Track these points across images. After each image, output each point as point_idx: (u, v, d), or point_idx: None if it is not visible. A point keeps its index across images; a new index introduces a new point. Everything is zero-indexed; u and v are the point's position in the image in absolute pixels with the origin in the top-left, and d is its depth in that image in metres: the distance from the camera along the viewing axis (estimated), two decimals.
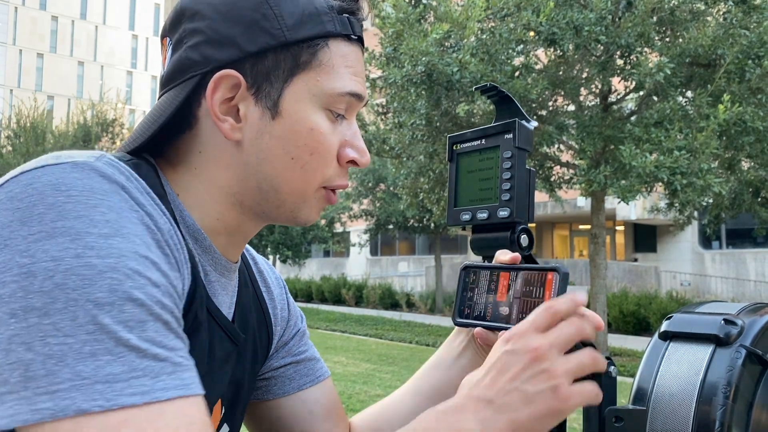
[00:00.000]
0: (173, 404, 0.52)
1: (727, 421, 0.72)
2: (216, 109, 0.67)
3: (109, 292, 0.52)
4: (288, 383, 0.89)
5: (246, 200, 0.71)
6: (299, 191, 0.71)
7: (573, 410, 0.59)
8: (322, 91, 0.69)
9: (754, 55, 7.93)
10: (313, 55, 0.68)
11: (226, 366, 0.74)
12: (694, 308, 0.85)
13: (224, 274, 0.75)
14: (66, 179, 0.56)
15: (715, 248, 19.72)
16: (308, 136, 0.69)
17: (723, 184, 8.17)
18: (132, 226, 0.57)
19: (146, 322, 0.53)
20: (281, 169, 0.69)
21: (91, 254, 0.53)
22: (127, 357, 0.51)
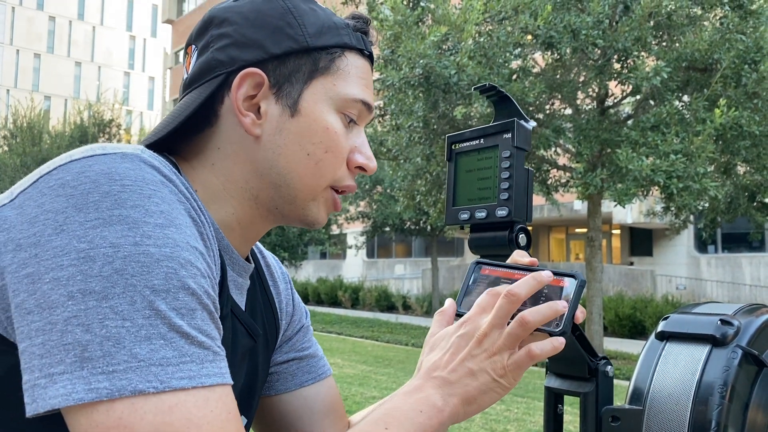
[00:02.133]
0: (214, 391, 0.55)
1: (723, 421, 0.72)
2: (239, 103, 0.72)
3: (166, 279, 0.55)
4: (290, 379, 0.90)
5: (261, 195, 0.74)
6: (310, 187, 0.74)
7: (515, 380, 0.68)
8: (337, 95, 0.74)
9: (750, 60, 7.96)
10: (331, 61, 0.74)
11: (244, 360, 0.76)
12: (691, 309, 0.86)
13: (241, 274, 0.78)
14: (118, 169, 0.58)
15: (710, 252, 19.76)
16: (323, 135, 0.73)
17: (719, 188, 8.19)
18: (182, 217, 0.60)
19: (195, 311, 0.56)
20: (296, 164, 0.73)
21: (148, 243, 0.55)
22: (178, 342, 0.54)
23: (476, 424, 5.75)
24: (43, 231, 0.55)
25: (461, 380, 0.66)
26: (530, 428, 5.65)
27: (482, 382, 0.66)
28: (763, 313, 0.80)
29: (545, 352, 0.66)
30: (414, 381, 0.67)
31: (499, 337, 0.66)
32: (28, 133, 25.86)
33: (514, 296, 0.66)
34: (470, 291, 0.76)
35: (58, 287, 0.53)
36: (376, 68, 9.03)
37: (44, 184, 0.58)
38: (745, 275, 18.67)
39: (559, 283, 0.70)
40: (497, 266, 0.76)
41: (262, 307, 0.85)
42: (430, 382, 0.66)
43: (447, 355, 0.67)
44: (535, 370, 9.36)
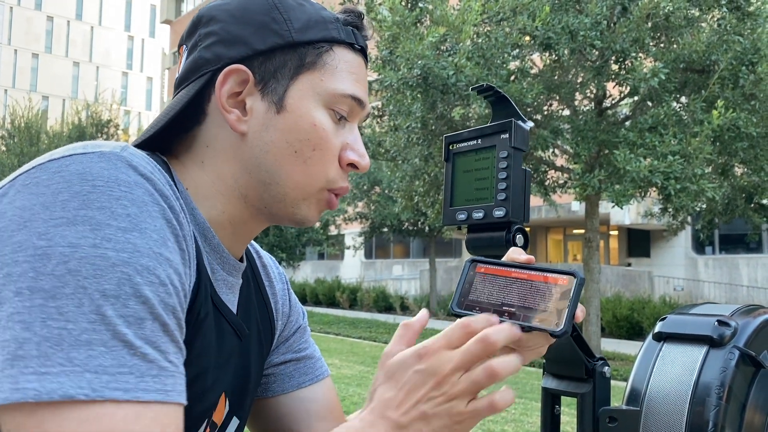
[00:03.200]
0: (151, 408, 0.53)
1: (720, 422, 0.72)
2: (223, 100, 0.71)
3: (118, 285, 0.53)
4: (287, 381, 0.89)
5: (249, 194, 0.73)
6: (301, 186, 0.72)
7: (471, 426, 0.62)
8: (325, 91, 0.72)
9: (747, 62, 7.97)
10: (318, 56, 0.72)
11: (232, 360, 0.75)
12: (688, 309, 0.86)
13: (231, 273, 0.76)
14: (93, 169, 0.57)
15: (708, 253, 19.79)
16: (311, 131, 0.71)
17: (716, 190, 8.20)
18: (152, 220, 0.58)
19: (145, 321, 0.54)
20: (283, 162, 0.71)
21: (107, 246, 0.54)
22: (119, 352, 0.52)
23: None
24: (8, 226, 0.54)
25: (413, 424, 0.60)
26: (527, 429, 5.65)
27: (436, 427, 0.60)
28: (760, 314, 0.80)
29: (509, 370, 0.61)
30: (367, 416, 0.61)
31: (461, 381, 0.61)
32: (26, 133, 25.84)
33: (491, 344, 0.61)
34: (466, 290, 0.75)
35: (9, 283, 0.52)
36: (374, 69, 9.03)
37: (21, 182, 0.58)
38: (743, 276, 18.70)
39: (557, 281, 0.69)
40: (493, 264, 0.75)
41: (256, 307, 0.84)
42: (382, 422, 0.60)
43: (401, 394, 0.60)
44: (532, 370, 9.36)
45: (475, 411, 0.61)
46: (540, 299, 0.69)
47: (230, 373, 0.76)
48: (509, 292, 0.71)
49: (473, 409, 0.61)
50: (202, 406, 0.69)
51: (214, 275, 0.73)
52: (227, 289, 0.76)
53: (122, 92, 53.15)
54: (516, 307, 0.70)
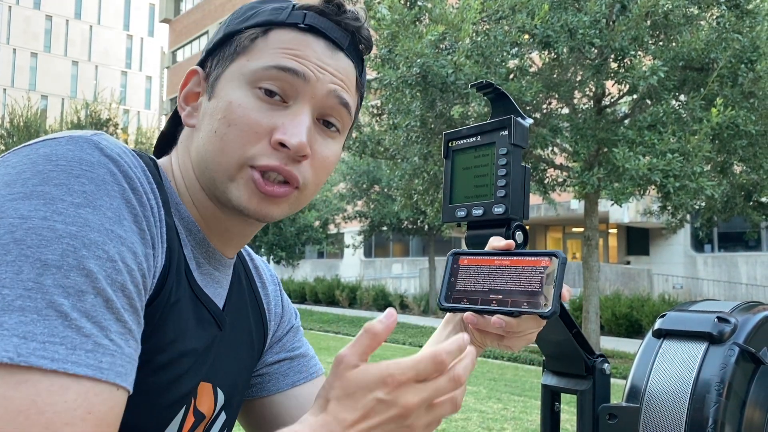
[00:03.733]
0: (80, 383, 0.51)
1: (720, 419, 0.72)
2: (180, 99, 0.76)
3: (61, 256, 0.53)
4: (281, 379, 0.89)
5: (204, 184, 0.74)
6: (221, 164, 0.71)
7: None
8: (248, 70, 0.72)
9: (746, 60, 7.97)
10: (251, 42, 0.73)
11: (211, 349, 0.75)
12: (688, 306, 0.86)
13: (218, 268, 0.77)
14: (59, 151, 0.58)
15: (707, 251, 19.80)
16: (226, 109, 0.71)
17: (715, 188, 8.20)
18: (108, 198, 0.58)
19: (86, 294, 0.53)
20: (208, 144, 0.72)
21: (57, 219, 0.54)
22: (53, 322, 0.51)
23: (473, 422, 5.76)
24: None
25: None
26: (527, 427, 5.65)
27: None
28: (759, 311, 0.80)
29: (467, 373, 0.60)
30: (316, 426, 0.58)
31: (426, 414, 0.59)
32: (25, 132, 25.79)
33: (461, 382, 0.60)
34: (452, 283, 0.75)
35: None
36: (373, 67, 9.02)
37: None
38: (742, 274, 18.71)
39: (540, 263, 0.69)
40: (475, 254, 0.75)
41: (249, 307, 0.85)
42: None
43: (356, 415, 0.58)
44: (532, 368, 9.37)
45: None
46: (525, 283, 0.69)
47: (222, 367, 0.76)
48: (494, 280, 0.72)
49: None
50: (178, 392, 0.68)
51: (200, 268, 0.74)
52: (213, 283, 0.77)
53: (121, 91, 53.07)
54: (503, 293, 0.70)
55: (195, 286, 0.72)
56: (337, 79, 0.73)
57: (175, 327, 0.67)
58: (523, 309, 0.68)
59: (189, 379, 0.70)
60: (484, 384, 7.83)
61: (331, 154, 0.75)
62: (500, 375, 8.73)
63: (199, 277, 0.74)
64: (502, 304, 0.70)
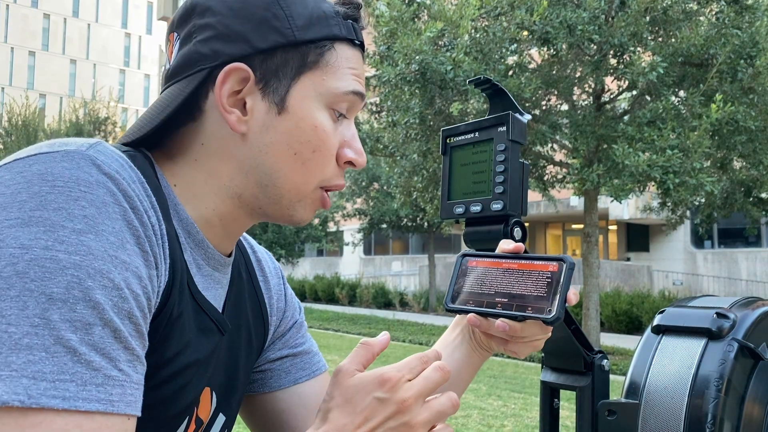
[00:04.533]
0: (93, 419, 0.51)
1: (719, 414, 0.72)
2: (224, 100, 0.68)
3: (66, 289, 0.51)
4: (284, 376, 0.88)
5: (244, 194, 0.71)
6: (298, 188, 0.71)
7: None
8: (327, 90, 0.70)
9: (746, 55, 7.97)
10: (320, 55, 0.70)
11: (215, 356, 0.74)
12: (687, 302, 0.86)
13: (217, 269, 0.75)
14: (54, 169, 0.56)
15: (707, 247, 19.81)
16: (312, 134, 0.70)
17: (715, 184, 8.20)
18: (110, 222, 0.56)
19: (93, 326, 0.52)
20: (283, 164, 0.70)
21: (59, 248, 0.52)
22: (61, 358, 0.50)
23: (473, 420, 5.76)
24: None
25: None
26: (527, 424, 5.66)
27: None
28: (758, 307, 0.80)
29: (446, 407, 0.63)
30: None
31: (424, 410, 0.62)
32: (24, 131, 25.78)
33: (448, 371, 0.63)
34: (459, 286, 0.75)
35: None
36: (372, 64, 9.02)
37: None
38: (742, 270, 18.72)
39: (547, 268, 0.69)
40: (483, 257, 0.75)
41: (248, 303, 0.83)
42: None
43: (359, 419, 0.60)
44: (531, 365, 9.38)
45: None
46: (532, 287, 0.69)
47: (215, 369, 0.75)
48: (501, 283, 0.72)
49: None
50: (183, 402, 0.68)
51: (200, 271, 0.72)
52: (214, 284, 0.75)
53: (119, 89, 53.01)
54: (509, 297, 0.70)
55: (197, 293, 0.70)
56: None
57: (178, 340, 0.66)
58: (527, 314, 0.68)
59: (193, 389, 0.69)
60: (484, 381, 7.84)
61: None
62: (500, 372, 8.74)
63: (200, 281, 0.72)
64: (507, 307, 0.70)
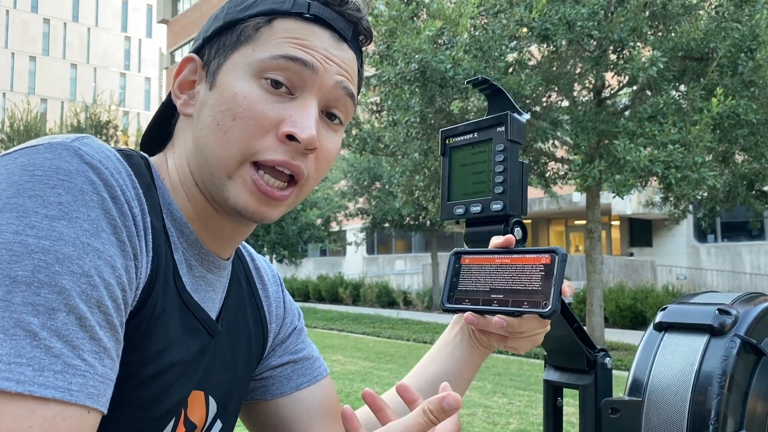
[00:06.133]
0: (47, 407, 0.49)
1: (722, 411, 0.72)
2: (174, 87, 0.73)
3: (32, 272, 0.51)
4: (286, 383, 0.88)
5: (199, 178, 0.71)
6: (222, 161, 0.68)
7: None
8: (254, 60, 0.68)
9: (746, 49, 7.95)
10: (255, 30, 0.69)
11: (203, 358, 0.72)
12: (689, 299, 0.85)
13: (212, 270, 0.74)
14: (36, 160, 0.56)
15: (710, 241, 19.78)
16: (231, 101, 0.68)
17: (717, 178, 8.19)
18: (86, 210, 0.55)
19: (57, 311, 0.51)
20: (209, 136, 0.68)
21: (29, 233, 0.52)
22: (20, 341, 0.49)
23: (479, 417, 5.76)
24: None
25: None
26: (532, 421, 5.66)
27: None
28: (761, 302, 0.80)
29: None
30: None
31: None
32: (26, 136, 25.82)
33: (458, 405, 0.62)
34: (454, 284, 0.75)
35: None
36: (372, 64, 9.01)
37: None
38: (745, 264, 18.69)
39: (540, 261, 0.69)
40: (476, 253, 0.75)
41: (248, 310, 0.83)
42: None
43: None
44: (536, 362, 9.37)
45: None
46: (526, 281, 0.69)
47: (211, 374, 0.74)
48: (495, 279, 0.72)
49: None
50: (168, 403, 0.67)
51: (191, 271, 0.71)
52: (206, 286, 0.73)
53: (120, 93, 53.08)
54: (504, 293, 0.70)
55: (183, 292, 0.69)
56: (342, 70, 0.71)
57: (161, 338, 0.64)
58: (523, 309, 0.67)
59: (178, 390, 0.68)
60: (489, 379, 7.84)
61: (334, 148, 0.73)
62: (505, 369, 8.74)
63: (189, 282, 0.71)
64: (503, 303, 0.70)
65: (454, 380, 0.86)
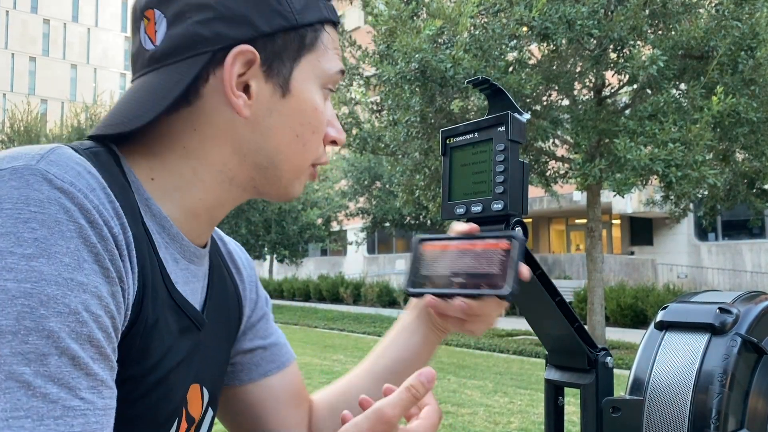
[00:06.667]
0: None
1: (723, 410, 0.72)
2: (233, 83, 0.66)
3: (17, 320, 0.49)
4: (254, 369, 0.88)
5: (238, 177, 0.71)
6: (297, 168, 0.73)
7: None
8: (322, 72, 0.72)
9: (746, 47, 7.95)
10: (315, 38, 0.71)
11: (195, 352, 0.72)
12: (690, 298, 0.86)
13: (194, 261, 0.73)
14: (2, 190, 0.53)
15: (711, 240, 19.78)
16: (312, 116, 0.72)
17: (718, 176, 8.19)
18: (64, 242, 0.53)
19: (49, 356, 0.49)
20: (284, 147, 0.71)
21: (8, 277, 0.50)
22: (15, 394, 0.47)
23: (480, 417, 5.77)
24: None
25: None
26: (533, 420, 5.66)
27: None
28: (761, 301, 0.80)
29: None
30: None
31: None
32: (26, 136, 25.86)
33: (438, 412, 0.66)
34: (416, 269, 0.78)
35: None
36: (372, 63, 9.03)
37: None
38: (746, 262, 18.69)
39: (498, 246, 0.71)
40: (438, 239, 0.78)
41: (228, 295, 0.82)
42: None
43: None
44: (538, 361, 9.38)
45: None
46: (486, 265, 0.71)
47: (202, 364, 0.74)
48: (456, 264, 0.74)
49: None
50: (171, 405, 0.67)
51: (177, 265, 0.70)
52: (191, 277, 0.73)
53: (120, 93, 53.10)
54: (464, 277, 0.72)
55: (174, 291, 0.68)
56: None
57: (159, 347, 0.64)
58: (483, 291, 0.70)
59: (179, 390, 0.68)
60: (490, 378, 7.85)
61: None
62: (506, 369, 8.75)
63: (178, 276, 0.70)
64: (463, 287, 0.72)
65: (412, 364, 0.87)
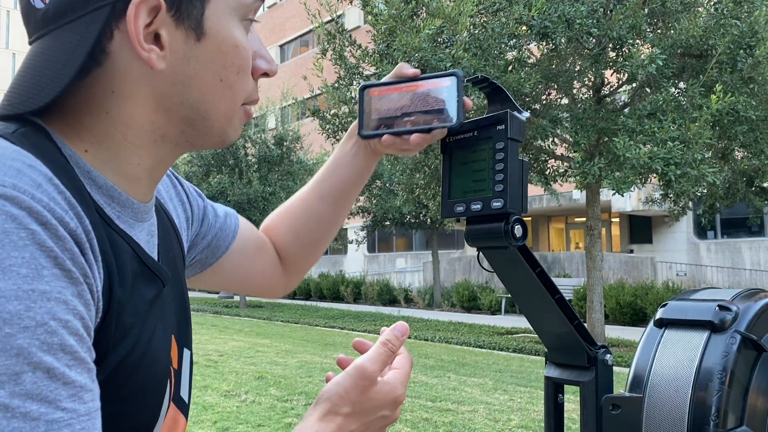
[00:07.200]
0: None
1: (723, 407, 0.73)
2: (140, 36, 0.59)
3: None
4: (216, 251, 0.93)
5: (169, 133, 0.65)
6: (227, 114, 0.67)
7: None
8: (238, 3, 0.65)
9: (745, 45, 7.95)
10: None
11: (167, 309, 0.70)
12: (689, 295, 0.86)
13: (145, 219, 0.70)
14: None
15: (710, 238, 19.78)
16: (235, 55, 0.65)
17: (717, 174, 8.19)
18: (17, 252, 0.49)
19: (22, 374, 0.47)
20: (210, 94, 0.64)
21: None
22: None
23: (480, 414, 5.77)
24: None
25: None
26: (533, 417, 5.67)
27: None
28: (761, 298, 0.81)
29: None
30: (323, 426, 0.66)
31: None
32: None
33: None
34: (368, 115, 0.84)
35: None
36: (372, 63, 9.01)
37: None
38: (745, 260, 18.69)
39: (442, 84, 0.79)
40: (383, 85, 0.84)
41: (168, 236, 0.78)
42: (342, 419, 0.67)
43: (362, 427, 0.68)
44: (537, 359, 9.38)
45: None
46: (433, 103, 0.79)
47: (171, 317, 0.71)
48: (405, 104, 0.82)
49: None
50: (160, 370, 0.65)
51: (133, 230, 0.66)
52: (147, 235, 0.69)
53: None
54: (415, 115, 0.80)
55: (145, 257, 0.66)
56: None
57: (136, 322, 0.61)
58: (434, 125, 0.79)
59: (163, 352, 0.66)
60: (490, 375, 7.85)
61: None
62: (506, 366, 8.75)
63: (141, 239, 0.67)
64: (416, 124, 0.80)
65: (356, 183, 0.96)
